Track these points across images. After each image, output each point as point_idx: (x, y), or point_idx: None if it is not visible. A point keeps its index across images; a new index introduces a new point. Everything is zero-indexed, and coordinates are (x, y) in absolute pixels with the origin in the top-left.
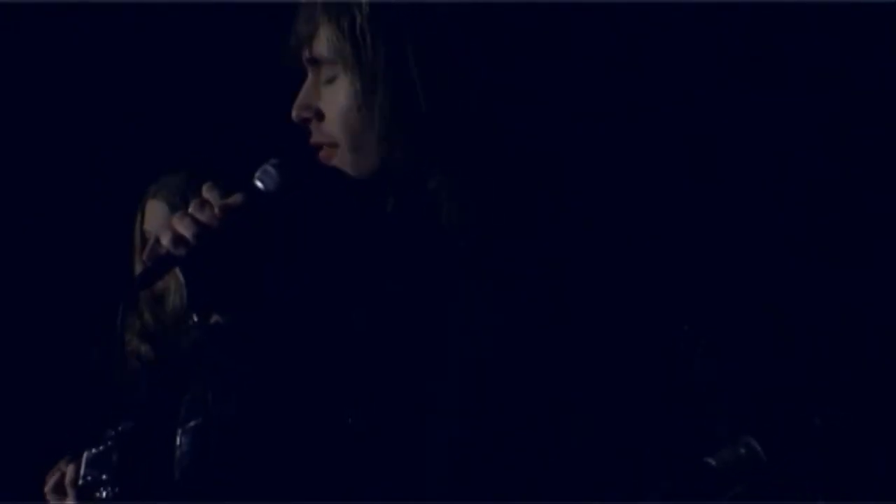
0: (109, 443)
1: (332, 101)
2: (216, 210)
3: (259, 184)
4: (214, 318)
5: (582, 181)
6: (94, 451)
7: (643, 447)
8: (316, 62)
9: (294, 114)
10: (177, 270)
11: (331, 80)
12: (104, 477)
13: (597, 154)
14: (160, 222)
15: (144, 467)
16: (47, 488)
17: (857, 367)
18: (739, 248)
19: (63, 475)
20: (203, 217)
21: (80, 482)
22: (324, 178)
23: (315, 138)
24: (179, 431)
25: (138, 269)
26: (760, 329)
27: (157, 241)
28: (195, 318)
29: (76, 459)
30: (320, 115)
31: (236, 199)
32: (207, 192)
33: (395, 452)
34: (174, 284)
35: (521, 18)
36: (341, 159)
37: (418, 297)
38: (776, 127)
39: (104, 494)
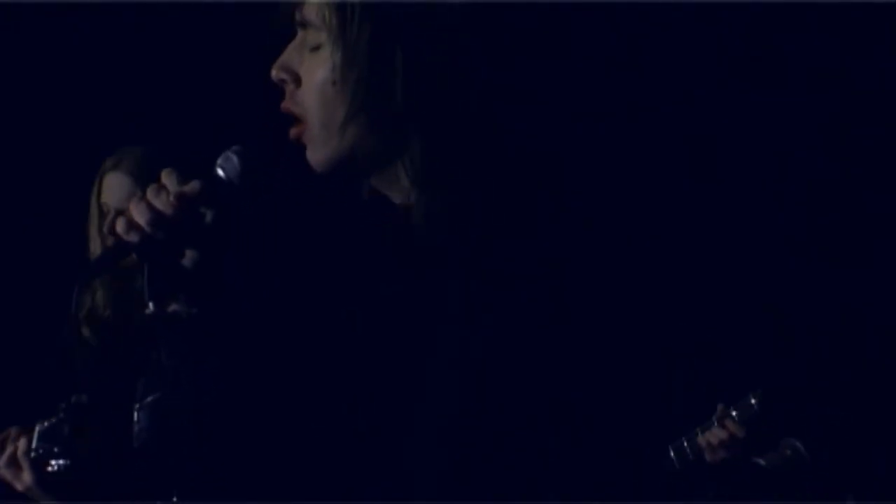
0: (61, 415)
1: (312, 69)
2: (172, 198)
3: (220, 171)
4: (172, 307)
5: (582, 181)
6: (45, 423)
7: (643, 448)
8: (304, 25)
9: (273, 73)
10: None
11: (315, 49)
12: (56, 449)
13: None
14: (120, 195)
15: (96, 440)
16: (1, 462)
17: (857, 367)
18: (739, 247)
19: (16, 448)
20: (158, 204)
21: (32, 454)
22: (290, 165)
23: (286, 104)
24: (137, 407)
25: (95, 242)
26: (760, 329)
27: (117, 215)
28: (151, 307)
29: (27, 431)
30: (298, 81)
31: (194, 186)
32: (166, 177)
33: (389, 453)
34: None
35: (521, 17)
36: (309, 137)
37: (396, 293)
38: (776, 127)
39: (56, 467)
